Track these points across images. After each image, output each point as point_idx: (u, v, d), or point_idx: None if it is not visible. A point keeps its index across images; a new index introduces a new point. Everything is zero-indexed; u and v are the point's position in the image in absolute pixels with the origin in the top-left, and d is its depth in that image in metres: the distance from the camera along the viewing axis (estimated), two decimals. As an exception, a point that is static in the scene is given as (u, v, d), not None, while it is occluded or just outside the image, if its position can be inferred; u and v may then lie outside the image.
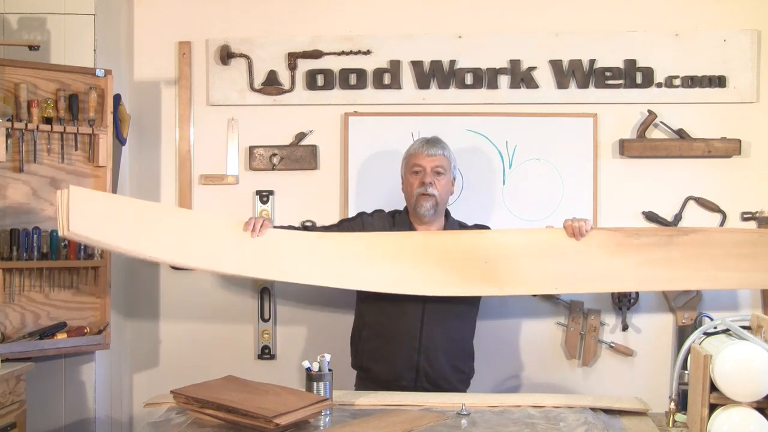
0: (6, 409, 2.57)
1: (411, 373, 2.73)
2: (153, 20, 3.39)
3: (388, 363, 2.74)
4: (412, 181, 2.79)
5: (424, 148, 2.79)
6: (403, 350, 2.73)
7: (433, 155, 2.78)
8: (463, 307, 2.79)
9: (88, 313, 2.99)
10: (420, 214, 2.78)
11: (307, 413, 2.14)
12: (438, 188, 2.77)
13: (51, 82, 2.92)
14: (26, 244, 2.84)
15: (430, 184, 2.75)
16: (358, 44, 3.32)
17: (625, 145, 3.23)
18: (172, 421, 2.22)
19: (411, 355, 2.73)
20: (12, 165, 2.85)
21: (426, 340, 2.73)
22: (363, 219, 2.90)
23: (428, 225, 2.82)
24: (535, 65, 3.29)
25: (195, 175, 3.38)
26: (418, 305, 2.73)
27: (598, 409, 2.34)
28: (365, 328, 2.84)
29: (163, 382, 3.15)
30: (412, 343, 2.73)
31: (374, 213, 2.93)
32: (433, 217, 2.80)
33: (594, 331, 3.25)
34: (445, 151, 2.82)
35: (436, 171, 2.77)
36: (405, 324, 2.74)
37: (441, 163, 2.78)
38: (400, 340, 2.73)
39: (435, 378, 2.73)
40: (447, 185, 2.81)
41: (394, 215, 2.90)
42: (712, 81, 3.23)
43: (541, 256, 2.72)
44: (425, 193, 2.75)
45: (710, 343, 2.08)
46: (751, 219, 3.24)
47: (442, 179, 2.78)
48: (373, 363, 2.79)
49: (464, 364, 2.84)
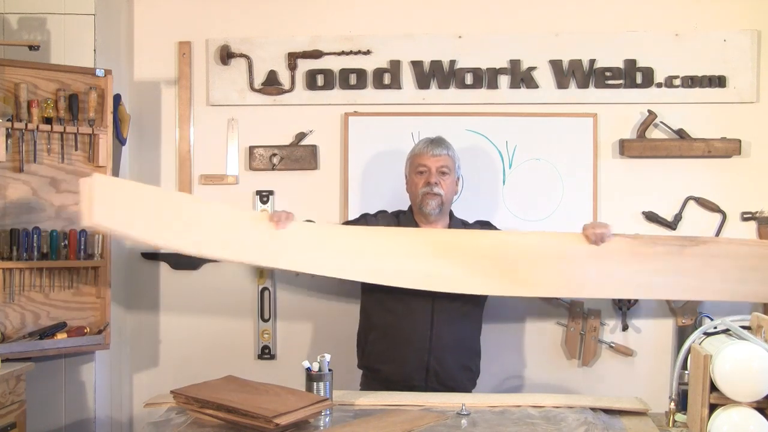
0: (6, 409, 2.57)
1: (421, 374, 2.73)
2: (153, 20, 3.39)
3: (397, 364, 2.74)
4: (417, 180, 2.80)
5: (428, 149, 2.79)
6: (414, 351, 2.73)
7: (438, 155, 2.78)
8: (470, 306, 2.80)
9: (88, 313, 2.98)
10: (426, 213, 2.78)
11: (307, 413, 2.14)
12: (443, 188, 2.77)
13: (51, 82, 2.92)
14: (26, 244, 2.83)
15: (436, 183, 2.76)
16: (358, 44, 3.32)
17: (625, 145, 3.23)
18: (172, 421, 2.22)
19: (422, 355, 2.73)
20: (12, 165, 2.85)
21: (436, 340, 2.73)
22: (367, 220, 2.90)
23: (433, 224, 2.82)
24: (535, 65, 3.29)
25: (195, 175, 3.38)
26: (426, 306, 2.73)
27: (598, 409, 2.34)
28: (372, 329, 2.83)
29: (163, 382, 3.16)
30: (423, 344, 2.73)
31: (378, 214, 2.93)
32: (438, 216, 2.81)
33: (594, 331, 3.25)
34: (449, 151, 2.82)
35: (441, 171, 2.78)
36: (414, 325, 2.74)
37: (446, 162, 2.79)
38: (410, 340, 2.73)
39: (444, 378, 2.74)
40: (452, 185, 2.82)
41: (399, 215, 2.90)
42: (712, 81, 3.23)
43: (560, 259, 2.75)
44: (431, 192, 2.76)
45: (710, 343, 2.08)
46: (751, 219, 3.24)
47: (447, 179, 2.79)
48: (382, 364, 2.79)
49: (472, 363, 2.85)
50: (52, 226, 2.90)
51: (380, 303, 2.81)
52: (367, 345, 2.85)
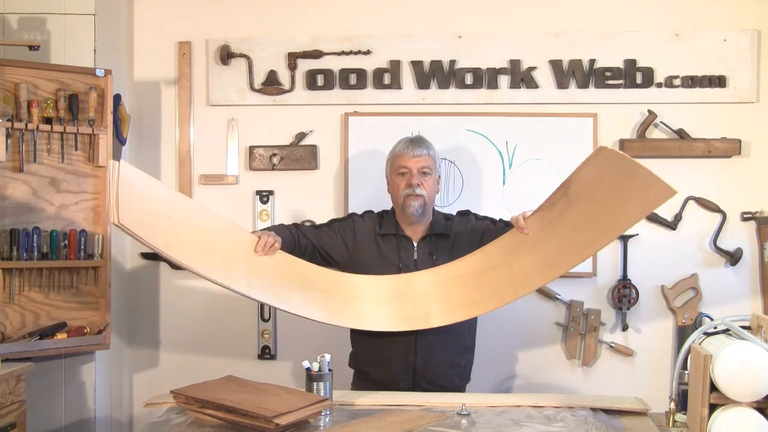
0: (6, 409, 2.57)
1: (408, 375, 2.72)
2: (153, 20, 3.40)
3: (384, 366, 2.73)
4: (398, 182, 2.77)
5: (408, 149, 2.75)
6: (399, 352, 2.72)
7: (418, 156, 2.74)
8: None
9: (88, 313, 2.98)
10: (408, 214, 2.77)
11: (307, 413, 2.14)
12: (426, 188, 2.74)
13: (51, 82, 2.92)
14: (26, 244, 2.83)
15: (418, 185, 2.73)
16: (358, 44, 3.32)
17: (625, 145, 3.23)
18: (172, 421, 2.22)
19: (407, 357, 2.72)
20: (12, 165, 2.85)
21: (422, 340, 2.72)
22: (354, 220, 2.88)
23: (415, 225, 2.80)
24: (535, 65, 3.29)
25: (195, 175, 3.38)
26: None
27: (598, 409, 2.33)
28: (359, 331, 2.83)
29: (163, 382, 3.15)
30: (408, 345, 2.71)
31: (365, 214, 2.91)
32: (421, 217, 2.79)
33: (594, 331, 3.25)
34: (429, 151, 2.78)
35: (423, 171, 2.74)
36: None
37: (427, 163, 2.75)
38: (395, 342, 2.72)
39: (433, 377, 2.73)
40: (433, 184, 2.79)
41: (382, 216, 2.89)
42: (712, 81, 3.23)
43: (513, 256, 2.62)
44: (413, 194, 2.73)
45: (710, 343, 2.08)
46: (751, 219, 3.24)
47: (429, 179, 2.76)
48: (369, 366, 2.78)
49: (461, 358, 2.81)
50: (52, 226, 2.90)
51: None
52: (355, 347, 2.85)
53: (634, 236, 3.26)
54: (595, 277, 3.28)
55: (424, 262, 2.76)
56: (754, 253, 3.25)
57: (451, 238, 2.80)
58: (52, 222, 2.92)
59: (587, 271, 3.26)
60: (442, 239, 2.80)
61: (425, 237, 2.80)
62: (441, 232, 2.81)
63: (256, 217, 3.35)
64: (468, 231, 2.82)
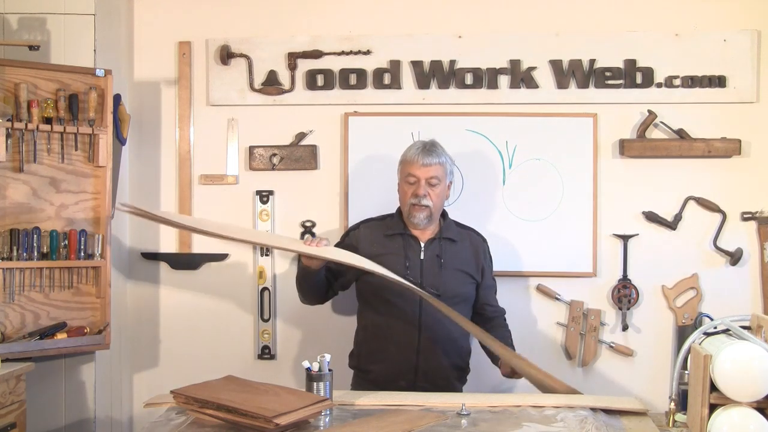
0: (6, 409, 2.57)
1: (410, 374, 2.72)
2: (153, 20, 3.40)
3: (386, 365, 2.74)
4: (406, 190, 2.76)
5: (419, 157, 2.73)
6: (402, 351, 2.73)
7: (428, 165, 2.72)
8: (461, 306, 2.78)
9: (88, 313, 2.98)
10: (414, 224, 2.78)
11: (307, 413, 2.14)
12: (432, 199, 2.73)
13: (51, 82, 2.91)
14: (26, 244, 2.83)
15: (425, 195, 2.72)
16: (358, 44, 3.32)
17: (625, 145, 3.23)
18: (172, 421, 2.21)
19: (409, 356, 2.72)
20: (12, 165, 2.84)
21: (424, 340, 2.73)
22: (349, 235, 2.89)
23: (422, 230, 2.81)
24: (535, 65, 3.29)
25: (195, 175, 3.38)
26: (414, 306, 2.73)
27: (598, 409, 2.33)
28: (363, 330, 2.85)
29: (163, 382, 3.15)
30: (411, 344, 2.73)
31: (360, 226, 2.89)
32: (427, 225, 2.80)
33: (594, 331, 3.25)
34: (441, 159, 2.76)
35: (431, 182, 2.73)
36: (402, 325, 2.74)
37: (436, 173, 2.73)
38: (398, 341, 2.73)
39: (434, 377, 2.73)
40: (442, 194, 2.78)
41: (386, 219, 2.88)
42: (712, 81, 3.23)
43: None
44: (419, 204, 2.72)
45: (710, 343, 2.08)
46: (751, 219, 3.24)
47: (437, 189, 2.74)
48: (371, 365, 2.79)
49: (461, 361, 2.84)
50: (52, 226, 2.90)
51: (369, 304, 2.82)
52: (358, 346, 2.86)
53: (635, 236, 3.26)
54: (596, 277, 3.28)
55: (431, 264, 2.76)
56: (754, 253, 3.25)
57: (459, 245, 2.81)
58: (52, 222, 2.92)
59: (587, 271, 3.26)
60: (450, 244, 2.80)
61: (433, 239, 2.80)
62: (450, 237, 2.81)
63: (256, 217, 3.35)
64: (476, 252, 2.85)
